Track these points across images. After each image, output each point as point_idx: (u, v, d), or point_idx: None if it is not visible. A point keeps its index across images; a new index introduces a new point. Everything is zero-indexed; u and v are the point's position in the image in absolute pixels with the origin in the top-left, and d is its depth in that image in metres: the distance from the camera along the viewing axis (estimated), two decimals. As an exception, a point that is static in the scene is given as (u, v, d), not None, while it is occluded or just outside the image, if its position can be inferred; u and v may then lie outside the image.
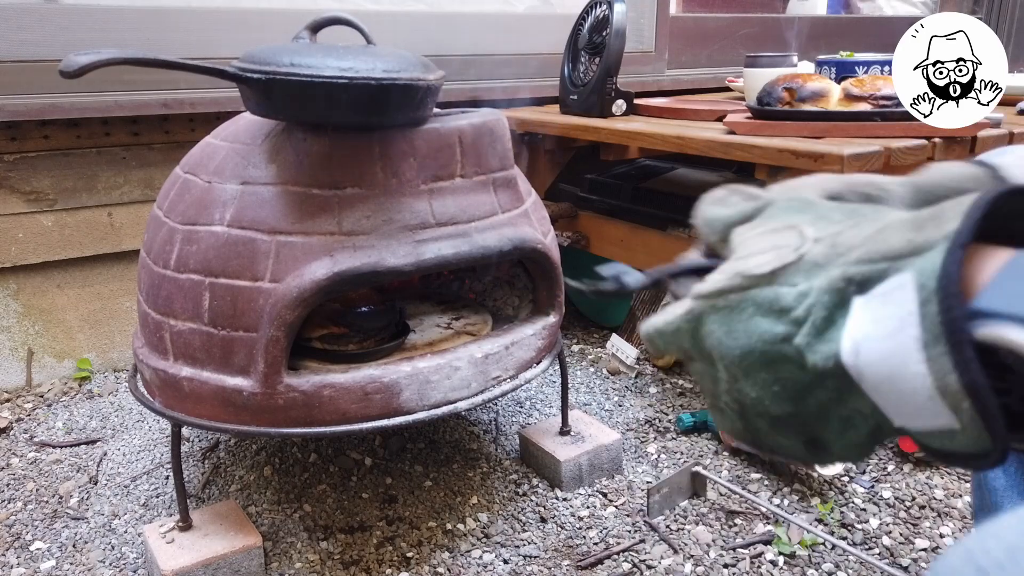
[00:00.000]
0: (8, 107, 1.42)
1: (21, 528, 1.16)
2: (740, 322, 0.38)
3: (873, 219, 0.37)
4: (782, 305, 0.36)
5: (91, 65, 0.82)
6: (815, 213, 0.40)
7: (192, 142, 1.14)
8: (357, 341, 1.08)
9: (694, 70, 2.36)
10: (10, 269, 1.55)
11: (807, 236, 0.38)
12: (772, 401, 0.38)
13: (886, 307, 0.33)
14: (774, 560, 1.08)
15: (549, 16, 2.11)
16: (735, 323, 0.38)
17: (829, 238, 0.37)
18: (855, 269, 0.34)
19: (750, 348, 0.37)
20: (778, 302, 0.37)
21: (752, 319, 0.37)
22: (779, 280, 0.37)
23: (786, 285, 0.37)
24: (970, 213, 0.32)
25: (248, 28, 1.67)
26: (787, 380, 0.37)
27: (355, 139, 0.97)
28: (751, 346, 0.37)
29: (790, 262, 0.37)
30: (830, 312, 0.35)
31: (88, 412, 1.51)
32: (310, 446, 1.35)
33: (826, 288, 0.35)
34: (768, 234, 0.40)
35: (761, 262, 0.38)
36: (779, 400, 0.37)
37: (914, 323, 0.31)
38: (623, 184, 1.93)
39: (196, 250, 0.97)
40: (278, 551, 1.10)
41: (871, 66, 1.66)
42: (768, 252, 0.38)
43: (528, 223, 1.11)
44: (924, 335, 0.31)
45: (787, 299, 0.36)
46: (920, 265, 0.32)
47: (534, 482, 1.25)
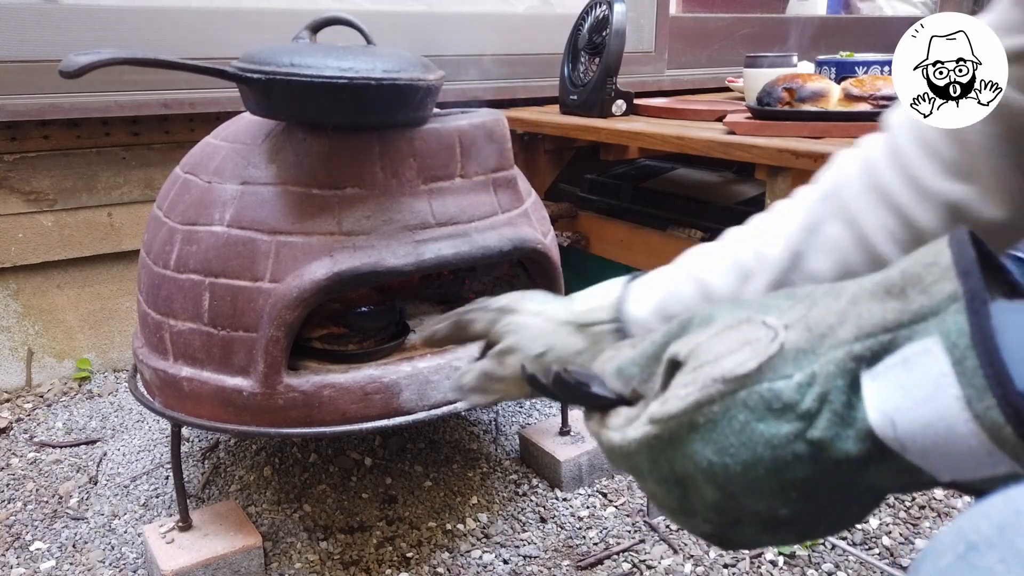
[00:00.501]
0: (8, 107, 1.42)
1: (21, 528, 1.16)
2: (732, 434, 0.34)
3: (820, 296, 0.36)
4: (783, 402, 0.33)
5: (91, 65, 0.82)
6: (759, 305, 0.37)
7: (192, 142, 1.14)
8: (357, 341, 1.08)
9: (694, 70, 2.36)
10: (10, 269, 1.55)
11: (774, 325, 0.35)
12: (782, 504, 0.34)
13: (912, 374, 0.31)
14: (774, 560, 1.08)
15: (549, 16, 2.11)
16: (726, 437, 0.34)
17: (799, 322, 0.35)
18: (859, 347, 0.33)
19: (755, 459, 0.34)
20: (778, 399, 0.33)
21: (748, 426, 0.34)
22: (768, 376, 0.34)
23: (779, 380, 0.34)
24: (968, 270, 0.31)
25: (248, 28, 1.67)
26: (802, 478, 0.34)
27: (355, 139, 0.97)
28: (756, 456, 0.34)
29: (774, 353, 0.34)
30: (848, 396, 0.33)
31: (88, 412, 1.51)
32: (310, 446, 1.35)
33: (836, 372, 0.33)
34: (726, 332, 0.36)
35: (739, 360, 0.34)
36: (790, 502, 0.34)
37: (952, 383, 0.30)
38: (623, 184, 1.93)
39: (196, 250, 0.97)
40: (278, 551, 1.10)
41: (871, 66, 1.66)
42: (741, 350, 0.35)
43: (528, 223, 1.11)
44: (966, 392, 0.30)
45: (787, 394, 0.33)
46: (941, 328, 0.31)
47: (534, 482, 1.25)
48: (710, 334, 0.37)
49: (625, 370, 0.40)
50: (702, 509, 0.37)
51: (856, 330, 0.33)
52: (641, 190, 1.89)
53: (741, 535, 0.37)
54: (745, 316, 0.36)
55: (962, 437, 0.30)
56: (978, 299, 0.31)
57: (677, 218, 1.75)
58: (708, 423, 0.34)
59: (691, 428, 0.35)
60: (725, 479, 0.35)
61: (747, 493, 0.34)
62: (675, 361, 0.38)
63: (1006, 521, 0.26)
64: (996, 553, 0.26)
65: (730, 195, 1.81)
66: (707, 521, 0.37)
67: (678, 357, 0.37)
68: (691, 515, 0.38)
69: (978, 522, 0.27)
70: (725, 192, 1.83)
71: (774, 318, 0.35)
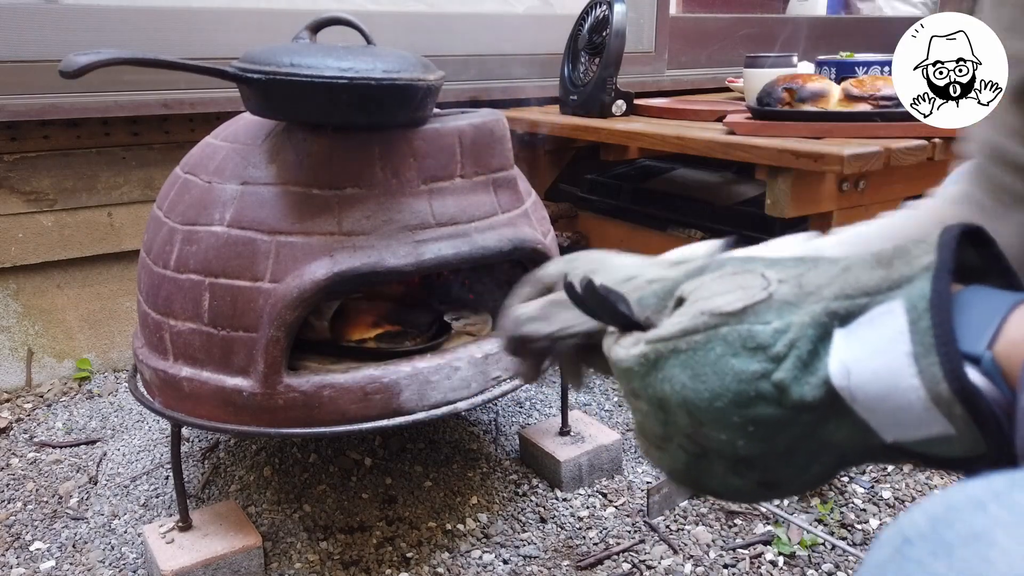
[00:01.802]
0: (8, 107, 1.42)
1: (21, 528, 1.16)
2: (707, 364, 0.37)
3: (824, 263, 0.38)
4: (758, 342, 0.36)
5: (91, 65, 0.82)
6: (766, 261, 0.40)
7: (192, 142, 1.14)
8: (412, 337, 1.12)
9: (694, 70, 2.36)
10: (10, 269, 1.55)
11: (771, 278, 0.38)
12: (745, 441, 0.37)
13: (875, 330, 0.34)
14: (774, 560, 1.08)
15: (549, 16, 2.11)
16: (702, 365, 0.37)
17: (793, 279, 0.38)
18: (836, 304, 0.36)
19: (723, 389, 0.37)
20: (753, 339, 0.37)
21: (722, 359, 0.37)
22: (749, 318, 0.37)
23: (759, 323, 0.37)
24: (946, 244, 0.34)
25: (248, 28, 1.67)
26: (761, 419, 0.36)
27: (355, 139, 0.97)
28: (724, 387, 0.37)
29: (760, 300, 0.37)
30: (815, 345, 0.35)
31: (88, 412, 1.51)
32: (310, 446, 1.35)
33: (809, 323, 0.36)
34: (728, 277, 0.40)
35: (730, 300, 0.38)
36: (751, 440, 0.37)
37: (905, 340, 0.33)
38: (623, 184, 1.93)
39: (196, 250, 0.97)
40: (278, 551, 1.10)
41: (871, 66, 1.66)
42: (734, 291, 0.38)
43: (528, 223, 1.11)
44: (915, 348, 0.33)
45: (763, 336, 0.36)
46: (908, 292, 0.34)
47: (534, 482, 1.25)
48: (714, 276, 0.40)
49: (644, 300, 0.43)
50: (675, 435, 0.40)
51: (838, 291, 0.36)
52: (641, 190, 1.89)
53: (710, 474, 0.40)
54: (751, 267, 0.40)
55: (905, 391, 0.33)
56: (943, 268, 0.33)
57: (677, 218, 1.75)
58: (689, 350, 0.38)
59: (675, 352, 0.38)
60: (695, 405, 0.38)
61: (714, 422, 0.37)
62: (681, 298, 0.41)
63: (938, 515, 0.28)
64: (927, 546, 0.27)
65: (730, 195, 1.81)
66: (681, 448, 0.40)
67: (684, 295, 0.41)
68: (668, 441, 0.41)
69: (915, 517, 0.29)
70: (725, 192, 1.83)
71: (774, 272, 0.39)
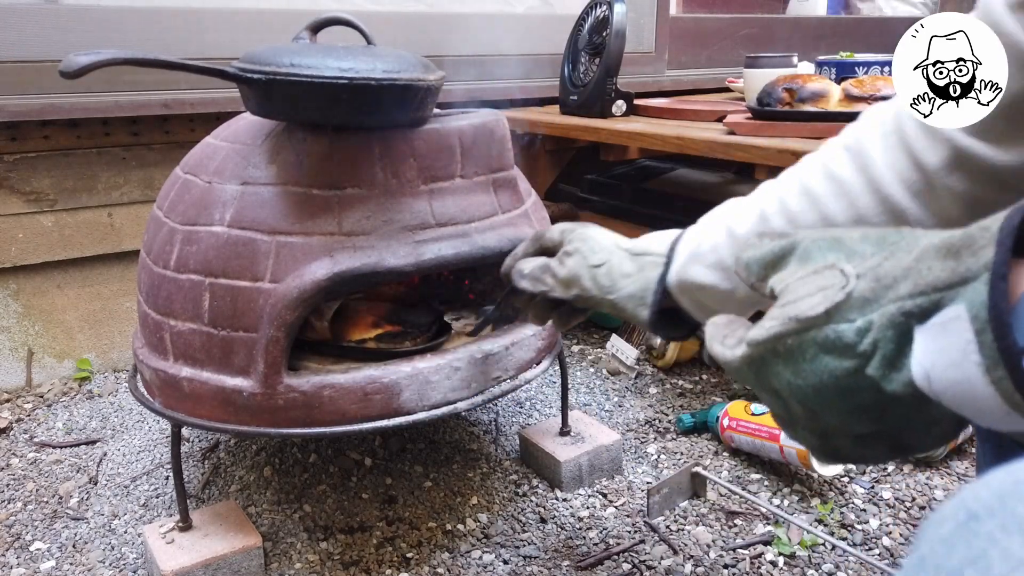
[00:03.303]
0: (8, 107, 1.42)
1: (21, 528, 1.16)
2: (806, 362, 0.40)
3: (903, 246, 0.40)
4: (845, 342, 0.38)
5: (91, 65, 0.82)
6: (847, 249, 0.42)
7: (192, 142, 1.14)
8: (412, 338, 1.11)
9: (694, 71, 2.36)
10: (10, 269, 1.55)
11: (849, 274, 0.40)
12: (856, 423, 0.40)
13: (947, 336, 0.35)
14: (774, 560, 1.08)
15: (549, 16, 2.11)
16: (801, 364, 0.40)
17: (870, 272, 0.39)
18: (911, 303, 0.37)
19: (823, 385, 0.39)
20: (840, 340, 0.38)
21: (817, 358, 0.39)
22: (834, 319, 0.39)
23: (843, 323, 0.39)
24: (1001, 240, 0.34)
25: (248, 28, 1.67)
26: (867, 404, 0.39)
27: (355, 139, 0.97)
28: (823, 383, 0.39)
29: (840, 301, 0.39)
30: (897, 344, 0.37)
31: (88, 412, 1.51)
32: (310, 446, 1.35)
33: (887, 323, 0.37)
34: (810, 276, 0.42)
35: (813, 303, 0.40)
36: (862, 421, 0.39)
37: (974, 351, 0.34)
38: (623, 184, 1.93)
39: (196, 250, 0.97)
40: (278, 551, 1.10)
41: (871, 67, 1.66)
42: (816, 294, 0.40)
43: (528, 223, 1.11)
44: (985, 361, 0.34)
45: (848, 336, 0.38)
46: (970, 296, 0.34)
47: (534, 482, 1.25)
48: (799, 275, 0.42)
49: (751, 266, 0.46)
50: (799, 419, 0.42)
51: (912, 287, 0.37)
52: (641, 190, 1.90)
53: (841, 447, 0.42)
54: (832, 260, 0.42)
55: (983, 398, 0.34)
56: (997, 274, 0.34)
57: (677, 218, 1.74)
58: (786, 351, 0.41)
59: (774, 353, 0.41)
60: (803, 397, 0.40)
61: (824, 410, 0.40)
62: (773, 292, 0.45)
63: (1006, 490, 0.28)
64: (996, 520, 0.27)
65: (730, 195, 1.81)
66: (806, 429, 0.43)
67: (774, 291, 0.44)
68: (794, 425, 0.44)
69: (979, 492, 0.29)
70: (725, 192, 1.83)
71: (852, 266, 0.40)
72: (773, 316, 0.42)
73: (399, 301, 1.23)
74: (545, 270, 0.80)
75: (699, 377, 1.62)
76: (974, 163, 0.57)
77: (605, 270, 0.75)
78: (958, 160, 0.58)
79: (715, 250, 0.70)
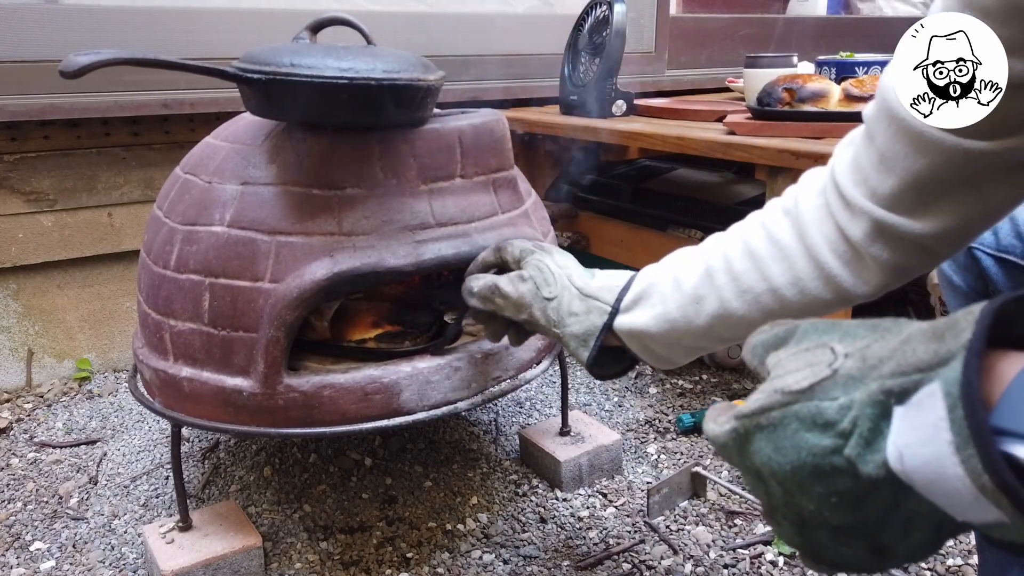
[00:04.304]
0: (8, 107, 1.42)
1: (21, 528, 1.16)
2: (786, 438, 0.39)
3: (895, 331, 0.40)
4: (825, 419, 0.38)
5: (91, 65, 0.82)
6: (842, 331, 0.42)
7: (192, 142, 1.14)
8: (412, 338, 1.11)
9: (694, 71, 2.36)
10: (10, 269, 1.55)
11: (838, 352, 0.40)
12: (831, 512, 0.39)
13: (921, 415, 0.35)
14: (774, 560, 1.08)
15: (549, 16, 2.11)
16: (781, 439, 0.40)
17: (858, 352, 0.39)
18: (892, 382, 0.36)
19: (800, 462, 0.39)
20: (821, 416, 0.38)
21: (797, 434, 0.39)
22: (818, 395, 0.39)
23: (826, 399, 0.39)
24: (980, 320, 0.35)
25: (248, 28, 1.67)
26: (842, 490, 0.38)
27: (355, 139, 0.97)
28: (801, 460, 0.39)
29: (825, 377, 0.39)
30: (875, 423, 0.36)
31: (88, 412, 1.51)
32: (310, 446, 1.35)
33: (868, 401, 0.37)
34: (801, 353, 0.42)
35: (798, 379, 0.40)
36: (837, 510, 0.39)
37: (945, 428, 0.34)
38: (623, 184, 1.93)
39: (196, 250, 0.97)
40: (278, 551, 1.10)
41: (871, 66, 1.66)
42: (803, 370, 0.40)
43: (528, 223, 1.11)
44: (955, 439, 0.33)
45: (829, 412, 0.38)
46: (945, 374, 0.34)
47: (534, 482, 1.25)
48: (792, 352, 0.43)
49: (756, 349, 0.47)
50: (779, 505, 0.42)
51: (896, 367, 0.37)
52: (641, 190, 1.90)
53: (820, 545, 0.42)
54: (824, 340, 0.42)
55: (953, 479, 0.33)
56: (972, 351, 0.34)
57: (677, 218, 1.75)
58: (769, 425, 0.40)
59: (758, 427, 0.41)
60: (782, 476, 0.40)
61: (801, 493, 0.40)
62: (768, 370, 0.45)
63: None
64: None
65: (730, 195, 1.81)
66: (786, 519, 0.42)
67: (769, 369, 0.44)
68: (774, 512, 0.43)
69: None
70: (725, 192, 1.83)
71: (843, 346, 0.40)
72: (761, 390, 0.42)
73: (399, 301, 1.23)
74: (494, 291, 0.84)
75: (699, 377, 1.62)
76: (893, 233, 0.61)
77: (555, 305, 0.80)
78: (878, 231, 0.61)
79: (663, 301, 0.75)
